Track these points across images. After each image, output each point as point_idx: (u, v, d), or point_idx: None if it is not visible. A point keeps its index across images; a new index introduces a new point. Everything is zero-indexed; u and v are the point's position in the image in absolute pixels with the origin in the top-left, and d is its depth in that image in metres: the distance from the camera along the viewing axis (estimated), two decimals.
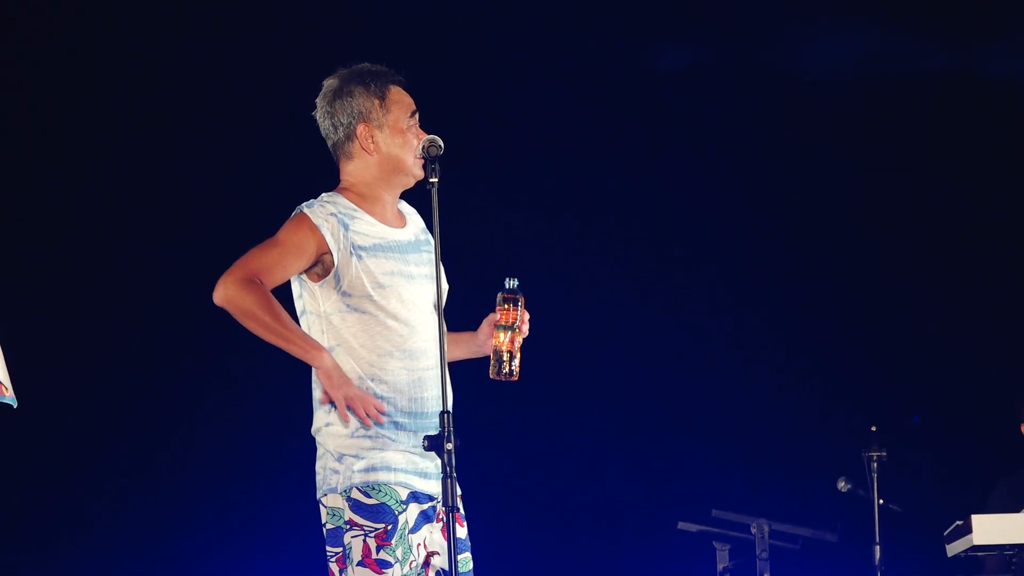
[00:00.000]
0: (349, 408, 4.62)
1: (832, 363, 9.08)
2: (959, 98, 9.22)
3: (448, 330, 4.89)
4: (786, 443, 8.95)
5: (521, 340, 4.86)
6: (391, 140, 4.84)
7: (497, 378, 4.85)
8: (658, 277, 9.10)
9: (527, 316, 4.87)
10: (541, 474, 8.88)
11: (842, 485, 7.78)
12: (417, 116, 4.89)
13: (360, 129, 4.84)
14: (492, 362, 4.85)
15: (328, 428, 4.72)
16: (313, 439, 4.80)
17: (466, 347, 4.99)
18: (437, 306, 4.74)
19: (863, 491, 7.71)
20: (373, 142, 4.84)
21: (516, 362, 4.84)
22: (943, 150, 9.21)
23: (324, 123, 4.89)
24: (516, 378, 4.85)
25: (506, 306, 4.85)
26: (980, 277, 9.14)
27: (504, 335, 4.84)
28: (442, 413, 4.57)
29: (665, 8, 9.10)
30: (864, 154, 9.27)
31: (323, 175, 4.98)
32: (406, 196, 4.97)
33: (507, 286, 4.86)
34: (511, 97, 8.92)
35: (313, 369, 4.71)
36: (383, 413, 4.67)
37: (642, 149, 9.15)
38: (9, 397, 4.27)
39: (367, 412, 4.63)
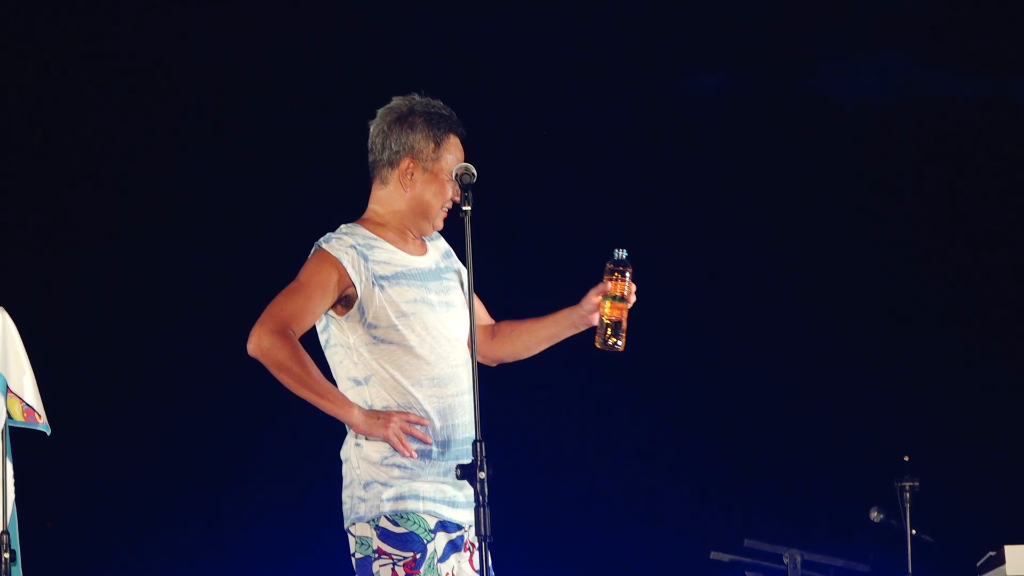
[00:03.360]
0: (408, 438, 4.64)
1: (865, 392, 9.05)
2: (992, 124, 9.20)
3: (534, 316, 4.94)
4: (818, 472, 8.92)
5: (627, 311, 4.85)
6: (428, 185, 4.81)
7: (603, 348, 4.84)
8: (686, 304, 9.08)
9: (634, 288, 4.85)
10: (571, 503, 8.86)
11: (874, 515, 7.74)
12: None
13: (405, 162, 4.81)
14: (599, 332, 4.83)
15: (358, 450, 4.71)
16: (340, 466, 4.80)
17: (566, 322, 4.94)
18: (471, 333, 4.71)
19: (896, 521, 7.66)
20: (411, 179, 4.81)
21: (623, 333, 4.83)
22: (977, 176, 9.18)
23: (376, 138, 4.84)
24: (622, 348, 4.83)
25: (615, 276, 4.83)
26: (1015, 305, 9.11)
27: (613, 305, 4.82)
28: (475, 442, 4.55)
29: (699, 33, 9.11)
30: (897, 180, 9.25)
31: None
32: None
33: (616, 256, 4.85)
34: (543, 121, 8.92)
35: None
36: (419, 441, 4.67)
37: (675, 173, 9.14)
38: (43, 424, 4.28)
39: (413, 435, 4.64)
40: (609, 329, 4.83)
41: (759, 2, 9.20)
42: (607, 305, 4.82)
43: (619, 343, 4.84)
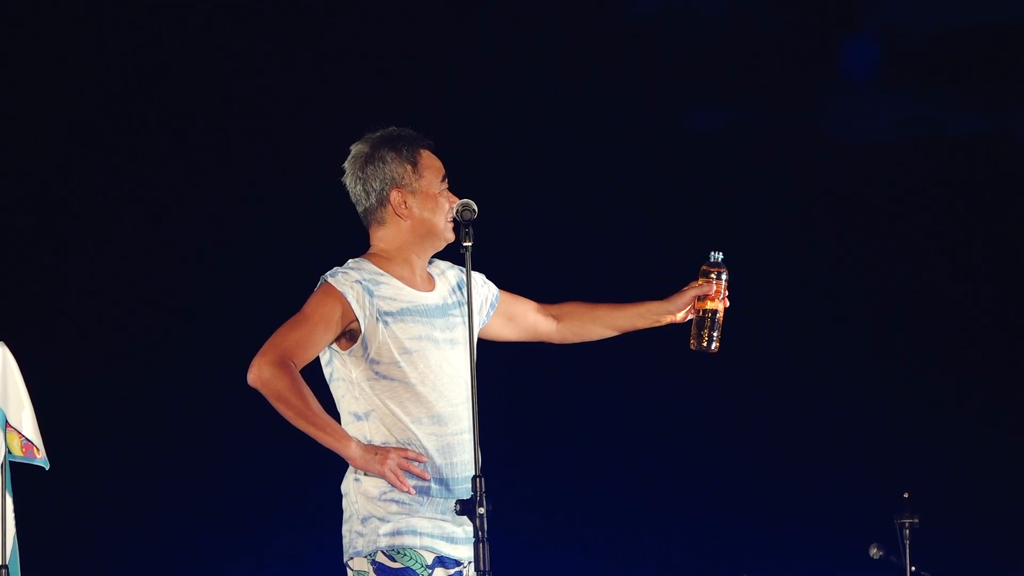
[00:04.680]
0: (405, 474, 4.65)
1: (865, 428, 9.05)
2: (995, 162, 9.22)
3: (616, 302, 5.04)
4: (818, 508, 8.91)
5: (723, 313, 4.94)
6: (424, 205, 4.82)
7: (698, 349, 4.93)
8: (683, 338, 9.06)
9: (727, 292, 4.95)
10: (568, 539, 8.86)
11: (874, 552, 7.73)
12: (447, 180, 4.88)
13: (393, 195, 4.82)
14: (695, 333, 4.93)
15: (357, 485, 4.71)
16: (341, 499, 4.80)
17: (650, 316, 5.05)
18: (471, 369, 4.71)
19: (895, 558, 7.66)
20: (406, 207, 4.82)
21: (718, 335, 4.89)
22: (979, 213, 9.19)
23: (355, 188, 4.86)
24: (717, 350, 4.88)
25: (711, 277, 4.92)
26: (1017, 341, 9.12)
27: (709, 306, 4.90)
28: (474, 477, 4.55)
29: (701, 71, 9.13)
30: (898, 217, 9.26)
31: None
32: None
33: (712, 259, 4.93)
34: (545, 159, 8.94)
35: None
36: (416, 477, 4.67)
37: (677, 209, 9.15)
38: (41, 459, 4.28)
39: (411, 471, 4.64)
40: (707, 330, 4.88)
41: (761, 39, 9.23)
42: (705, 306, 4.92)
43: (715, 344, 4.90)
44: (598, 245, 9.04)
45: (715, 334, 4.93)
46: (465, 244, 4.71)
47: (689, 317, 5.01)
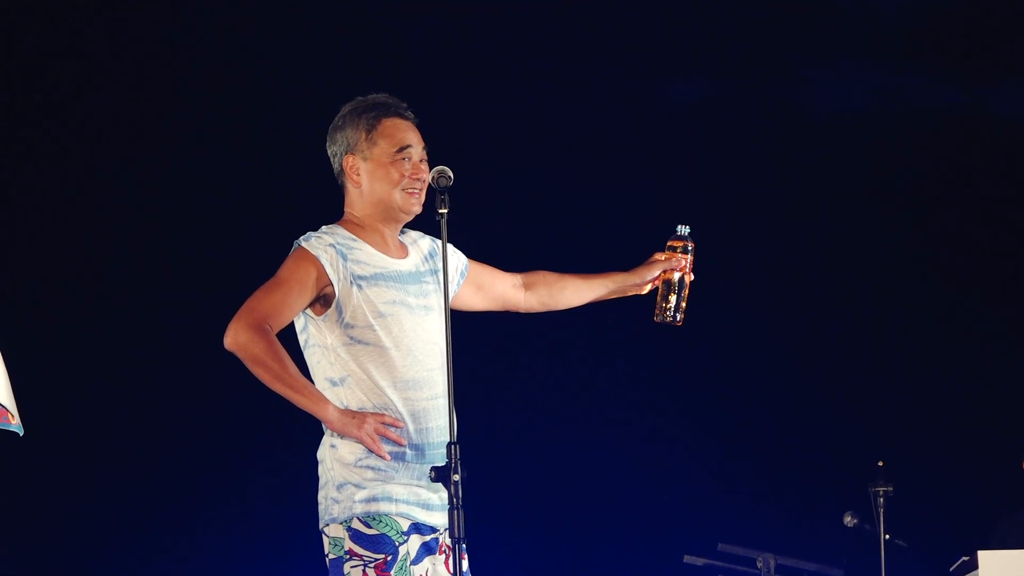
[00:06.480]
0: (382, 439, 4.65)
1: (839, 397, 9.08)
2: (969, 134, 9.24)
3: (586, 272, 5.07)
4: (793, 477, 8.94)
5: (688, 287, 4.96)
6: (373, 174, 4.81)
7: (662, 322, 4.96)
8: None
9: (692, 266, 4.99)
10: (546, 506, 8.87)
11: (848, 520, 7.76)
12: (410, 151, 4.83)
13: (347, 161, 4.84)
14: (660, 305, 4.94)
15: (333, 451, 4.71)
16: (316, 466, 4.81)
17: (616, 287, 5.09)
18: (446, 336, 4.69)
19: (869, 526, 7.69)
20: (358, 175, 4.83)
21: (683, 308, 4.93)
22: (953, 186, 9.22)
23: (328, 151, 4.91)
24: (680, 324, 4.90)
25: (677, 251, 4.95)
26: (989, 311, 9.14)
27: (675, 280, 4.91)
28: (449, 444, 4.55)
29: (677, 42, 9.13)
30: (873, 188, 9.28)
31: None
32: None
33: (678, 232, 4.95)
34: (527, 130, 8.94)
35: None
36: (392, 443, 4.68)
37: (651, 181, 9.16)
38: (15, 425, 4.27)
39: (387, 436, 4.64)
40: (672, 303, 4.90)
41: (737, 11, 9.23)
42: (669, 279, 4.94)
43: (679, 317, 4.92)
44: (570, 215, 9.05)
45: (681, 307, 4.95)
46: (440, 211, 4.66)
47: (654, 288, 5.04)
